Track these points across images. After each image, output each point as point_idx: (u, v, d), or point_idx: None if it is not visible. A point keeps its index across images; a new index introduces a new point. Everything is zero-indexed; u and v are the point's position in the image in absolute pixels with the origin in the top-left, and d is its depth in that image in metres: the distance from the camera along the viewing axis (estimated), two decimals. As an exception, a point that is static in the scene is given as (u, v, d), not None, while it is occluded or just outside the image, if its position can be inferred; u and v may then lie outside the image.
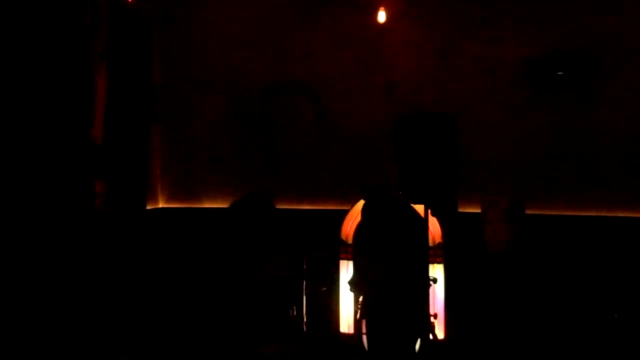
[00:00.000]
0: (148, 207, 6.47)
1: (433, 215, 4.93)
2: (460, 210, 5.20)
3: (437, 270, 5.12)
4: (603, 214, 5.56)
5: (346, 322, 5.43)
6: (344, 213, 5.53)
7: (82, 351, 5.01)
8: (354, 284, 4.70)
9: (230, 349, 5.33)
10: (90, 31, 5.52)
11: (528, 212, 5.36)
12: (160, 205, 6.80)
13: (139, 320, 5.64)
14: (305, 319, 5.50)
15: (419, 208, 4.95)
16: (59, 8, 5.24)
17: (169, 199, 6.85)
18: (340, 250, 5.46)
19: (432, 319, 4.54)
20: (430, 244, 5.09)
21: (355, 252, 5.28)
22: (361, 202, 5.39)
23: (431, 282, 4.64)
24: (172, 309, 5.89)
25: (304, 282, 5.53)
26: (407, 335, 4.33)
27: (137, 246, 5.98)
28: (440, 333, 4.96)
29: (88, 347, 5.07)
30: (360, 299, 4.66)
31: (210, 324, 5.71)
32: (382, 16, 6.00)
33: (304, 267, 5.57)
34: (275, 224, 6.11)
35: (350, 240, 5.44)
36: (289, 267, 5.70)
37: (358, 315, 4.64)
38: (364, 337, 5.14)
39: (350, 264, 5.39)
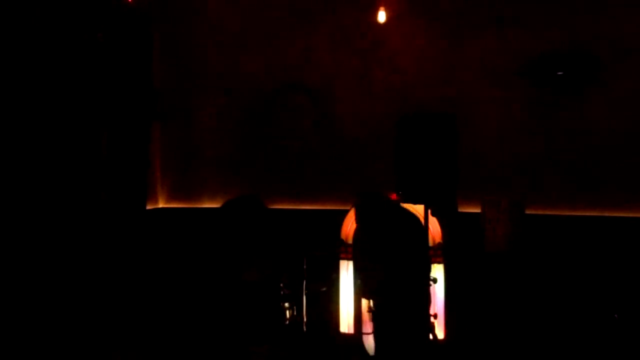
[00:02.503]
0: (148, 207, 6.46)
1: (433, 215, 4.92)
2: (460, 210, 5.20)
3: (437, 270, 5.12)
4: (603, 214, 5.56)
5: (346, 322, 5.43)
6: (344, 213, 5.52)
7: (81, 350, 5.01)
8: (362, 290, 4.68)
9: (224, 348, 5.33)
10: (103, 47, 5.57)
11: (528, 212, 5.36)
12: (160, 205, 6.80)
13: (137, 320, 5.63)
14: (305, 319, 5.50)
15: (419, 208, 4.94)
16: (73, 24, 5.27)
17: (169, 199, 6.85)
18: (340, 250, 5.46)
19: (432, 319, 4.53)
20: (430, 244, 5.09)
21: (355, 256, 5.27)
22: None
23: (431, 282, 4.64)
24: (171, 309, 5.89)
25: (304, 282, 5.53)
26: (415, 336, 4.31)
27: (137, 246, 5.98)
28: (440, 333, 4.96)
29: (87, 346, 5.07)
30: (370, 302, 4.62)
31: (207, 323, 5.70)
32: (382, 16, 6.00)
33: (304, 267, 5.56)
34: (267, 225, 6.09)
35: (350, 241, 5.43)
36: (282, 268, 5.69)
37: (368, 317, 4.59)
38: (364, 337, 5.15)
39: (350, 264, 5.38)
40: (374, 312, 4.37)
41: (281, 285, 5.62)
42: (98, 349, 5.11)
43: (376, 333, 4.40)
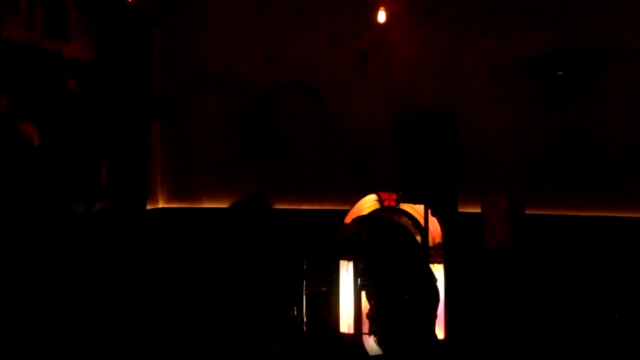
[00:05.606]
0: (148, 207, 6.47)
1: (433, 215, 4.93)
2: (460, 210, 5.21)
3: (437, 270, 5.11)
4: (603, 214, 5.56)
5: (346, 322, 5.42)
6: (344, 213, 5.52)
7: (82, 351, 5.01)
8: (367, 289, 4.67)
9: (230, 349, 5.33)
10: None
11: (528, 212, 5.35)
12: (160, 205, 6.80)
13: (139, 320, 5.63)
14: (305, 319, 5.50)
15: (419, 208, 4.95)
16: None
17: (169, 199, 6.85)
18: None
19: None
20: (430, 244, 5.09)
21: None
22: (362, 202, 5.41)
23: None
24: (172, 309, 5.89)
25: (304, 282, 5.53)
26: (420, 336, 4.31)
27: (137, 246, 5.98)
28: (440, 333, 4.96)
29: (88, 347, 5.07)
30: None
31: (210, 323, 5.71)
32: (382, 16, 6.00)
33: (304, 267, 5.56)
34: (273, 224, 6.11)
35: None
36: (287, 267, 5.70)
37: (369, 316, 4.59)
38: (364, 337, 5.15)
39: (350, 264, 5.38)
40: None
41: (286, 285, 5.64)
42: (101, 350, 5.11)
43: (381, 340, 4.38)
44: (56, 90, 5.17)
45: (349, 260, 5.37)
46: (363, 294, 4.92)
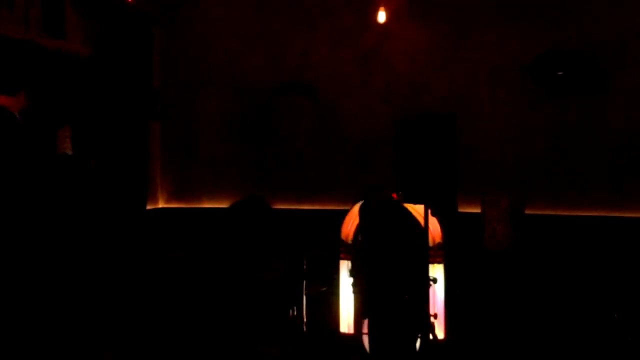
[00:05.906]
0: (148, 207, 6.46)
1: (433, 215, 4.92)
2: (460, 210, 5.21)
3: (437, 270, 5.11)
4: (603, 214, 5.56)
5: (346, 322, 5.42)
6: (344, 213, 5.52)
7: (82, 351, 5.00)
8: (355, 284, 4.69)
9: (230, 349, 5.33)
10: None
11: (528, 212, 5.35)
12: (160, 205, 6.80)
13: (139, 320, 5.63)
14: (305, 319, 5.50)
15: (419, 208, 4.95)
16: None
17: (169, 199, 6.85)
18: (340, 250, 5.45)
19: (432, 319, 4.54)
20: (430, 244, 5.08)
21: (354, 253, 5.27)
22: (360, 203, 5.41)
23: (431, 282, 4.64)
24: (172, 309, 5.89)
25: (304, 282, 5.53)
26: (408, 335, 4.33)
27: (137, 246, 5.98)
28: (440, 333, 4.95)
29: (88, 347, 5.06)
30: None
31: (210, 323, 5.70)
32: (382, 16, 6.00)
33: (304, 267, 5.57)
34: (273, 224, 6.10)
35: (350, 240, 5.43)
36: (287, 267, 5.70)
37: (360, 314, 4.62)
38: (364, 337, 5.15)
39: (350, 264, 5.38)
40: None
41: (286, 285, 5.64)
42: (100, 350, 5.11)
43: (369, 330, 4.40)
44: (55, 89, 5.17)
45: (348, 259, 5.37)
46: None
